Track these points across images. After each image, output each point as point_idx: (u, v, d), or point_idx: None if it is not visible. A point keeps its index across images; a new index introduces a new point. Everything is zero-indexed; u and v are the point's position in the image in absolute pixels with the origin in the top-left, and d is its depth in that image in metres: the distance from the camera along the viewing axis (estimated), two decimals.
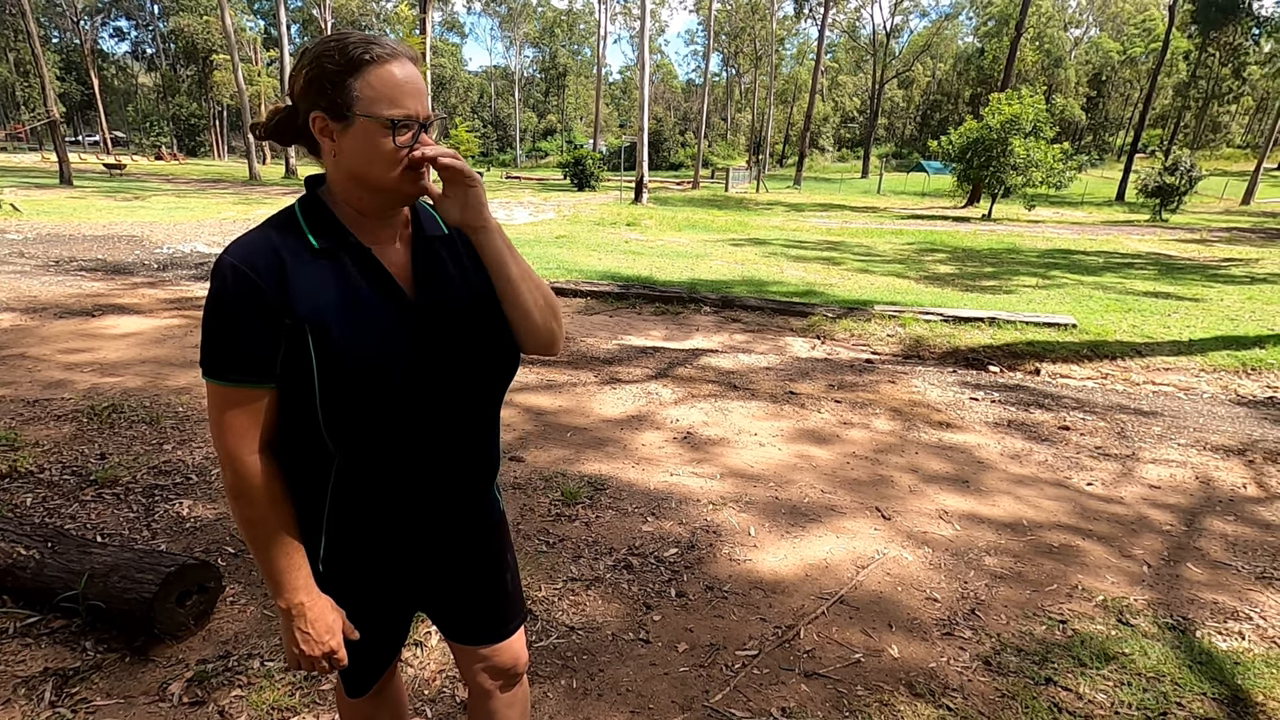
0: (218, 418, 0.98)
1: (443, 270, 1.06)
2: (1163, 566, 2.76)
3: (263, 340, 0.94)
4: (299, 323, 0.93)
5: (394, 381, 0.98)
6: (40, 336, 5.10)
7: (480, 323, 1.07)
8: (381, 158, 0.95)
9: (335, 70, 0.93)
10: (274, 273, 0.93)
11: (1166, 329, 7.09)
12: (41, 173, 25.00)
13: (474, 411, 1.09)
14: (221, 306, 0.93)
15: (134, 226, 12.17)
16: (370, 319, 0.97)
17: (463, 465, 1.11)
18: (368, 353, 0.96)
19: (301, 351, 0.94)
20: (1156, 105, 52.03)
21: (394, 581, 1.14)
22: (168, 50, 61.47)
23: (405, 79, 0.95)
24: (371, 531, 1.07)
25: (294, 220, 1.00)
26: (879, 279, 10.09)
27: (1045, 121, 22.54)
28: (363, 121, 0.94)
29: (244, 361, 0.94)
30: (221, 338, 0.94)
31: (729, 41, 63.91)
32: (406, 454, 1.03)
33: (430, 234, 1.08)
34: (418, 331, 1.00)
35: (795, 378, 5.09)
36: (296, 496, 1.04)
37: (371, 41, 0.95)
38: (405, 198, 1.01)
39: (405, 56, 0.96)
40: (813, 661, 2.12)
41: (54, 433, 3.43)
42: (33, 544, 2.16)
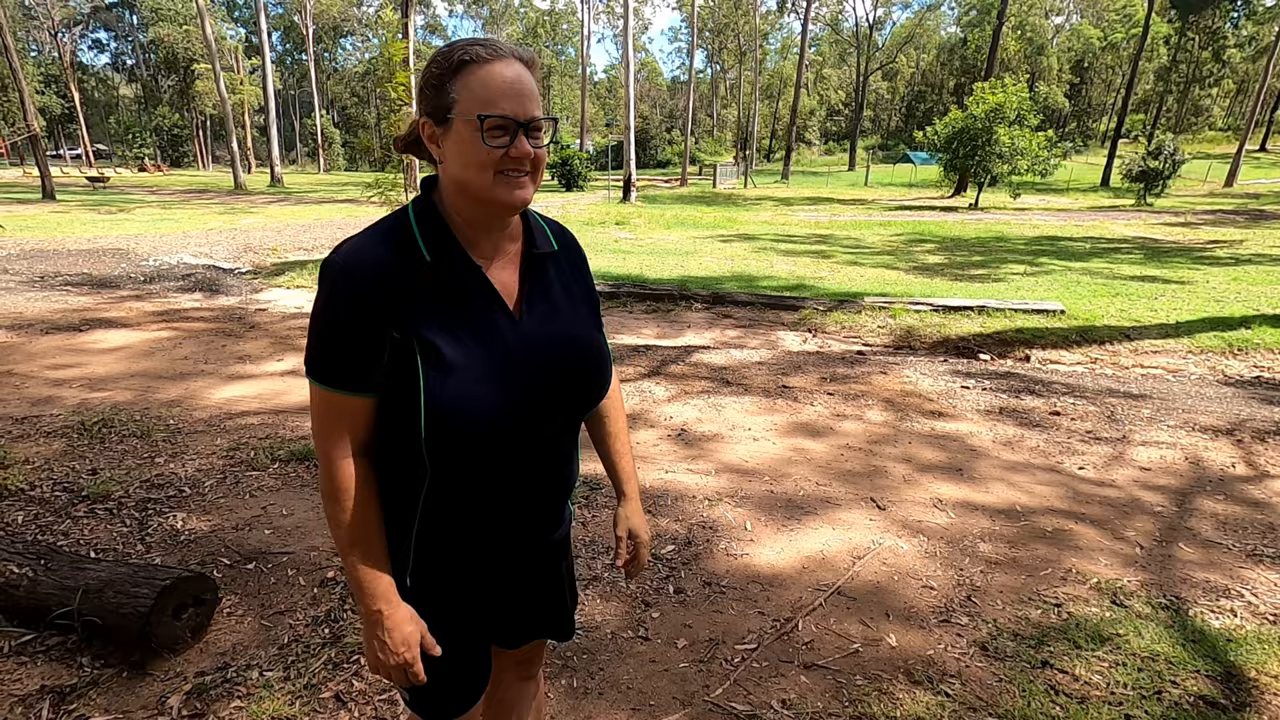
0: (318, 417, 0.97)
1: (549, 291, 1.05)
2: (1155, 547, 2.78)
3: (365, 351, 0.92)
4: (407, 338, 0.92)
5: (497, 403, 0.96)
6: (27, 353, 5.06)
7: (580, 347, 1.06)
8: (475, 161, 0.92)
9: (438, 74, 0.93)
10: (383, 283, 0.91)
11: (1154, 312, 7.16)
12: (24, 188, 24.76)
13: (565, 431, 1.08)
14: (328, 311, 0.92)
15: (119, 239, 12.07)
16: (478, 339, 0.95)
17: (549, 481, 1.10)
18: (475, 376, 0.94)
19: (408, 366, 0.92)
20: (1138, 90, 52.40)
21: (478, 598, 1.11)
22: (148, 61, 61.02)
23: (504, 79, 0.91)
24: (460, 548, 1.05)
25: (407, 227, 0.97)
26: (869, 271, 10.12)
27: (1029, 110, 22.69)
28: (458, 124, 0.92)
29: (345, 370, 0.93)
30: (326, 342, 0.93)
31: (713, 38, 63.92)
32: (500, 473, 1.01)
33: (541, 251, 1.06)
34: (523, 354, 0.99)
35: (788, 371, 5.11)
36: (388, 509, 1.02)
37: (479, 44, 0.93)
38: (503, 207, 0.96)
39: (514, 58, 0.94)
40: (811, 653, 2.13)
41: (44, 449, 3.41)
42: (25, 562, 2.15)
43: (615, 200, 24.06)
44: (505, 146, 0.92)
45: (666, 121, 72.48)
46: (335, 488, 0.97)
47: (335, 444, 0.96)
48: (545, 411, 1.02)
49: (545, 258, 1.07)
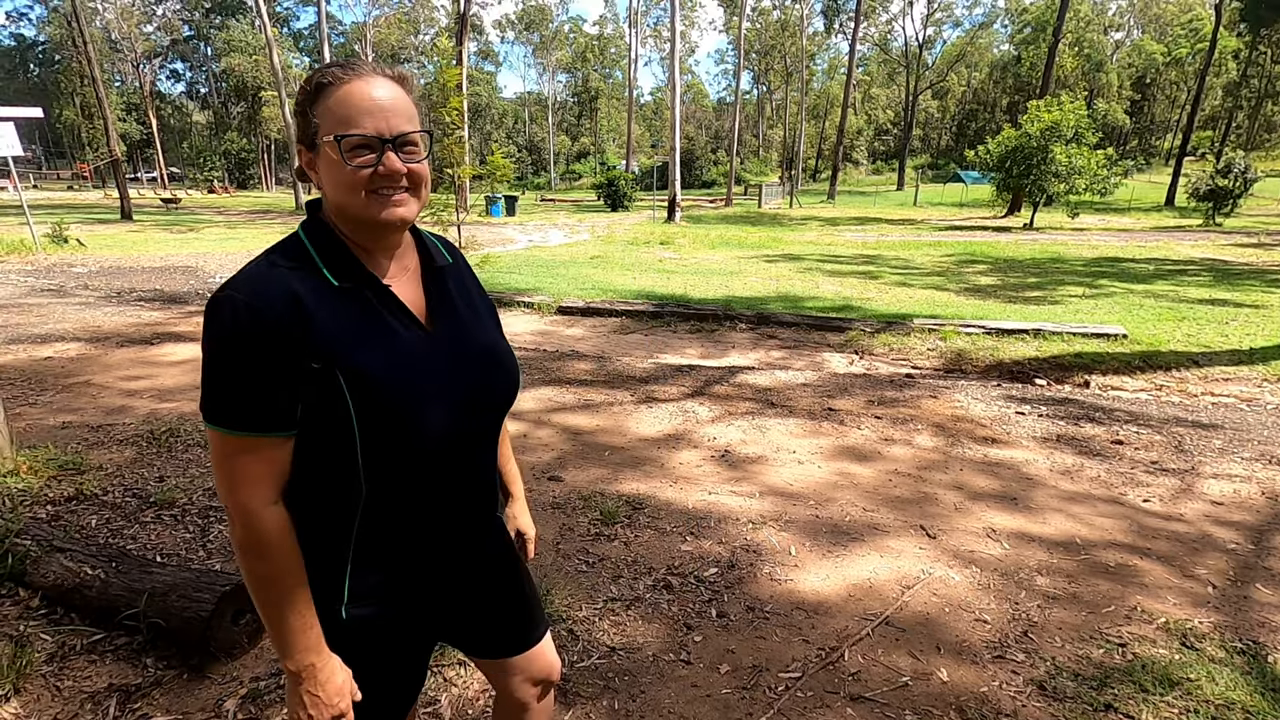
0: (226, 468, 0.90)
1: (454, 303, 1.07)
2: (1229, 587, 2.63)
3: (281, 388, 0.87)
4: (328, 366, 0.88)
5: (431, 416, 0.96)
6: (103, 364, 5.36)
7: (492, 353, 1.08)
8: (344, 183, 0.91)
9: (302, 100, 0.93)
10: (292, 312, 0.87)
11: (1225, 337, 6.81)
12: (104, 209, 26.38)
13: (490, 434, 1.10)
14: (230, 349, 0.86)
15: (189, 257, 12.73)
16: (401, 358, 0.94)
17: (479, 487, 1.11)
18: (405, 392, 0.93)
19: (334, 396, 0.89)
20: (1205, 106, 50.33)
21: (420, 613, 1.09)
22: (219, 89, 64.57)
23: (363, 97, 0.89)
24: (398, 564, 1.04)
25: (304, 252, 0.94)
26: (918, 292, 9.92)
27: (1087, 127, 22.06)
28: (324, 146, 0.91)
29: (260, 411, 0.88)
30: (232, 384, 0.87)
31: (759, 59, 64.20)
32: (434, 484, 1.02)
33: (439, 265, 1.07)
34: (443, 365, 0.99)
35: (834, 394, 5.03)
36: (318, 542, 0.97)
37: (338, 65, 0.92)
38: (381, 226, 0.94)
39: (378, 74, 0.92)
40: (858, 684, 2.08)
41: (116, 456, 3.59)
42: (98, 564, 2.26)
43: (660, 220, 24.23)
44: (372, 165, 0.90)
45: (712, 142, 72.86)
46: (257, 540, 0.91)
47: (253, 492, 0.90)
48: (473, 418, 1.03)
49: (444, 271, 1.08)
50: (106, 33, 52.85)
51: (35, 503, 3.00)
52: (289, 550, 0.93)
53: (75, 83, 53.49)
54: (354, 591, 1.00)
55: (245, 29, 56.20)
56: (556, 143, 73.95)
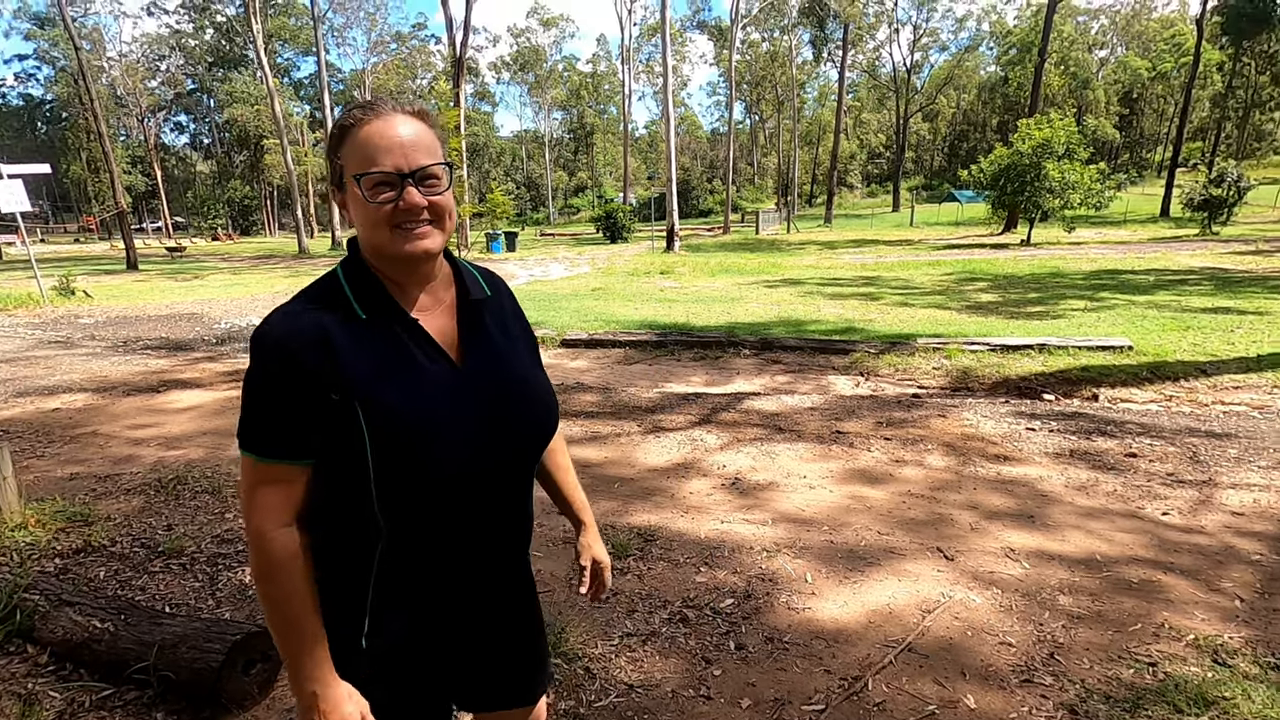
0: (249, 492, 0.95)
1: (489, 336, 1.06)
2: (1257, 600, 2.57)
3: (304, 419, 0.91)
4: (347, 399, 0.90)
5: (449, 452, 0.95)
6: (110, 414, 5.37)
7: (525, 387, 1.07)
8: (369, 220, 0.94)
9: (332, 143, 0.96)
10: (319, 347, 0.91)
11: (1231, 345, 6.78)
12: (111, 259, 26.71)
13: (520, 474, 1.08)
14: (262, 382, 0.92)
15: (194, 305, 12.84)
16: (422, 391, 0.95)
17: (508, 527, 1.09)
18: (422, 426, 0.93)
19: (351, 427, 0.91)
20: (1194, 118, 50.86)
21: (439, 653, 1.08)
22: (223, 139, 65.83)
23: (381, 135, 0.92)
24: (420, 604, 1.03)
25: (338, 288, 0.98)
26: (920, 311, 9.94)
27: (1078, 143, 22.29)
28: (350, 186, 0.94)
29: (283, 439, 0.92)
30: (261, 414, 0.92)
31: (750, 89, 65.33)
32: (457, 521, 1.00)
33: (475, 298, 1.06)
34: (469, 400, 0.98)
35: (841, 417, 5.00)
36: (339, 573, 0.99)
37: (360, 106, 0.95)
38: (408, 259, 0.96)
39: (398, 112, 0.95)
40: (884, 715, 2.03)
41: (124, 506, 3.58)
42: (107, 617, 2.24)
43: (659, 250, 24.42)
44: (393, 201, 0.92)
45: (707, 172, 73.79)
46: (270, 564, 0.94)
47: (267, 516, 0.94)
48: (500, 455, 1.02)
49: (480, 304, 1.07)
50: (112, 89, 54.12)
51: (43, 556, 2.98)
52: (298, 576, 0.95)
53: (82, 138, 54.60)
54: (374, 624, 1.01)
55: (247, 80, 57.50)
56: (554, 178, 74.97)
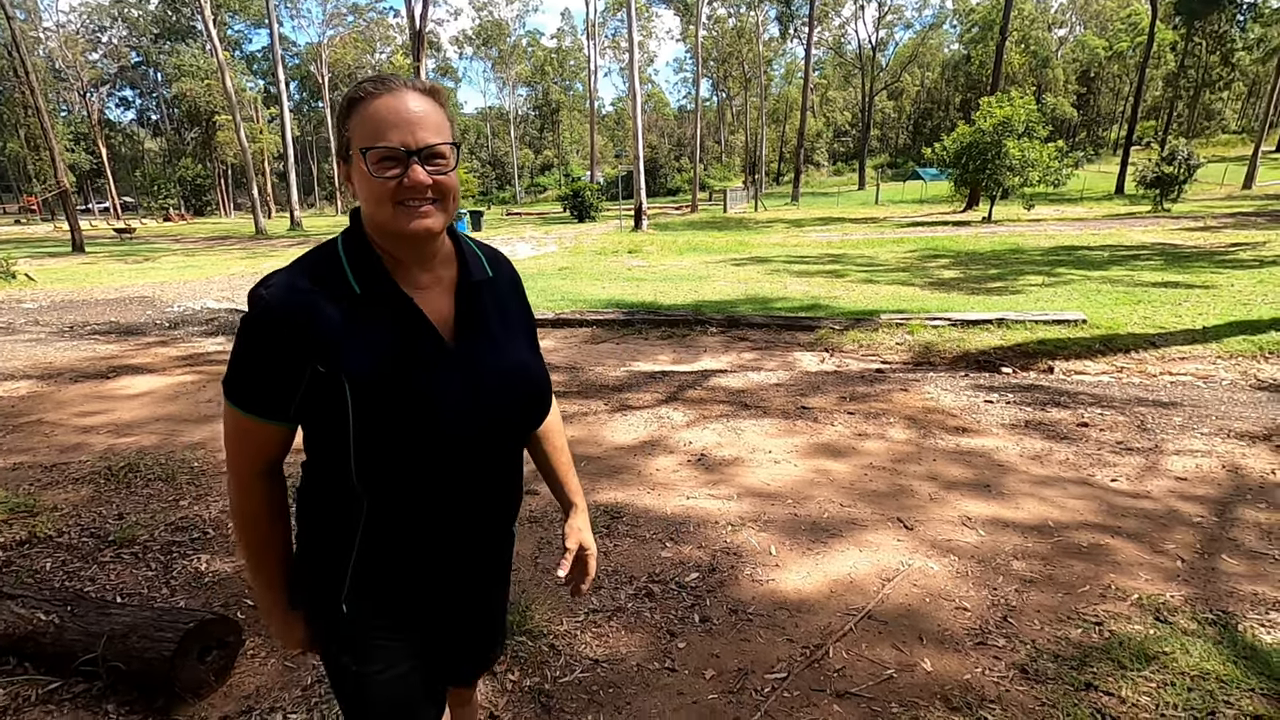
0: (230, 437, 1.01)
1: (484, 318, 1.05)
2: (1197, 560, 2.68)
3: (282, 384, 0.94)
4: (334, 372, 0.91)
5: (432, 431, 0.95)
6: (56, 401, 5.17)
7: (515, 371, 1.06)
8: (372, 195, 0.93)
9: (341, 115, 0.96)
10: (307, 317, 0.91)
11: (1179, 318, 7.02)
12: (55, 242, 25.58)
13: (507, 455, 1.08)
14: (248, 340, 0.94)
15: (145, 287, 12.38)
16: (409, 370, 0.94)
17: (493, 506, 1.09)
18: (406, 405, 0.93)
19: (336, 400, 0.92)
20: (1148, 97, 52.20)
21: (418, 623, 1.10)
22: (172, 115, 63.22)
23: (390, 110, 0.91)
24: (399, 573, 1.05)
25: (335, 259, 0.97)
26: (884, 288, 10.07)
27: (1037, 121, 22.68)
28: (355, 159, 0.94)
29: (260, 397, 0.96)
30: (245, 370, 0.95)
31: (717, 66, 64.93)
32: (439, 500, 1.01)
33: (476, 279, 1.05)
34: (455, 381, 0.98)
35: (806, 392, 5.06)
36: (323, 537, 1.05)
37: (371, 80, 0.94)
38: (408, 237, 0.95)
39: (408, 88, 0.94)
40: (844, 680, 2.07)
41: (72, 495, 3.45)
42: (52, 609, 2.16)
43: (627, 229, 24.29)
44: (398, 177, 0.91)
45: (675, 150, 73.37)
46: (239, 506, 1.03)
47: (244, 464, 1.01)
48: (482, 439, 1.02)
49: (480, 285, 1.06)
50: (50, 61, 51.49)
51: None
52: (265, 521, 1.05)
53: (19, 114, 51.84)
54: (353, 589, 1.04)
55: (196, 53, 55.10)
56: (520, 156, 73.79)
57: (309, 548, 1.08)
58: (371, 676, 1.05)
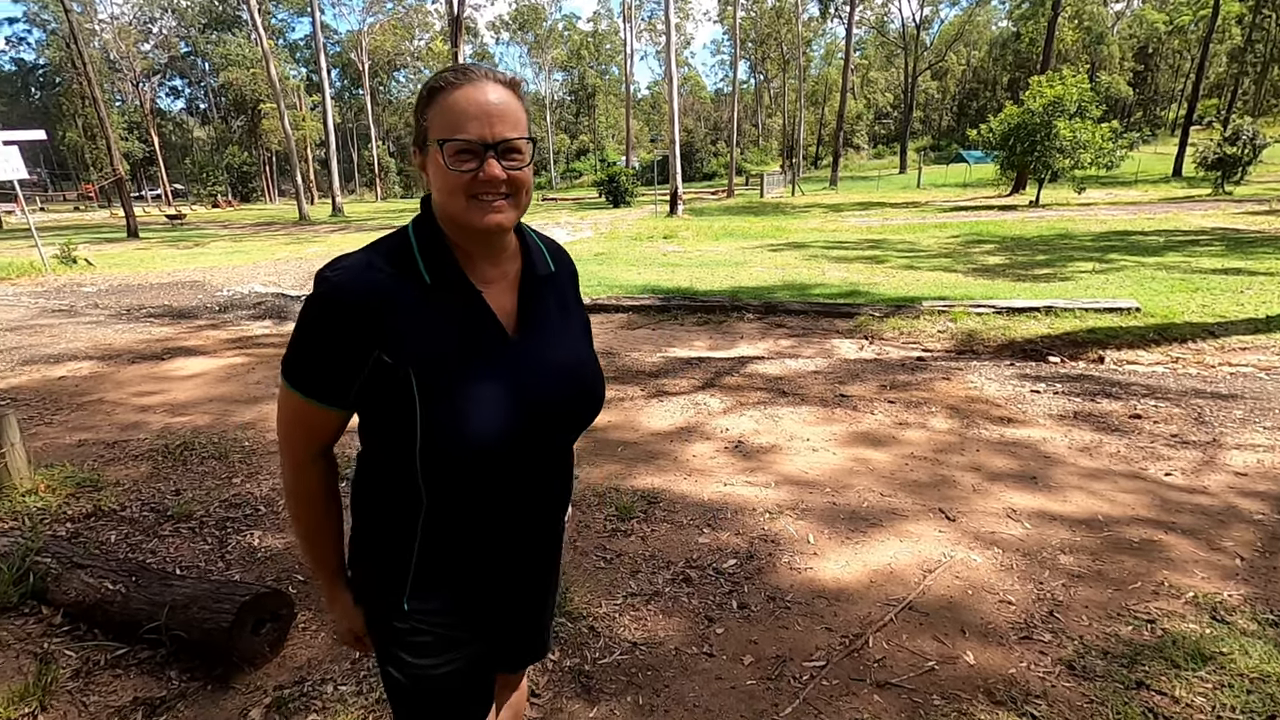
0: (284, 418, 1.01)
1: (546, 313, 1.05)
2: (1257, 559, 2.58)
3: (344, 369, 0.93)
4: (400, 363, 0.90)
5: (494, 429, 0.95)
6: (116, 381, 5.39)
7: (575, 369, 1.06)
8: (447, 186, 0.92)
9: (420, 103, 0.95)
10: (379, 303, 0.90)
11: (1240, 307, 6.72)
12: (111, 228, 26.58)
13: (559, 452, 1.09)
14: (313, 323, 0.93)
15: (195, 272, 12.80)
16: (475, 365, 0.94)
17: (548, 498, 1.10)
18: (471, 401, 0.93)
19: (402, 392, 0.91)
20: (1210, 74, 49.58)
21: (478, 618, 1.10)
22: (219, 104, 64.91)
23: (470, 102, 0.90)
24: (460, 571, 1.05)
25: (407, 246, 0.96)
26: (925, 274, 9.85)
27: (1090, 101, 21.79)
28: (431, 150, 0.92)
29: (320, 382, 0.95)
30: (306, 353, 0.95)
31: (755, 48, 63.85)
32: (499, 493, 1.01)
33: (540, 274, 1.05)
34: (519, 378, 0.98)
35: (845, 380, 4.99)
36: (387, 531, 1.03)
37: (453, 70, 0.93)
38: (478, 231, 0.95)
39: (488, 80, 0.93)
40: (884, 671, 2.06)
41: (132, 472, 3.61)
42: (119, 579, 2.27)
43: (662, 214, 24.17)
44: (473, 171, 0.90)
45: (711, 134, 72.56)
46: (293, 488, 1.04)
47: (298, 446, 1.01)
48: (543, 435, 1.02)
49: (544, 280, 1.06)
50: (105, 53, 53.18)
51: (54, 520, 3.02)
52: (319, 501, 1.05)
53: (77, 104, 53.86)
54: (415, 588, 1.04)
55: (242, 42, 56.40)
56: (555, 141, 73.85)
57: (368, 543, 1.06)
58: (430, 671, 1.05)
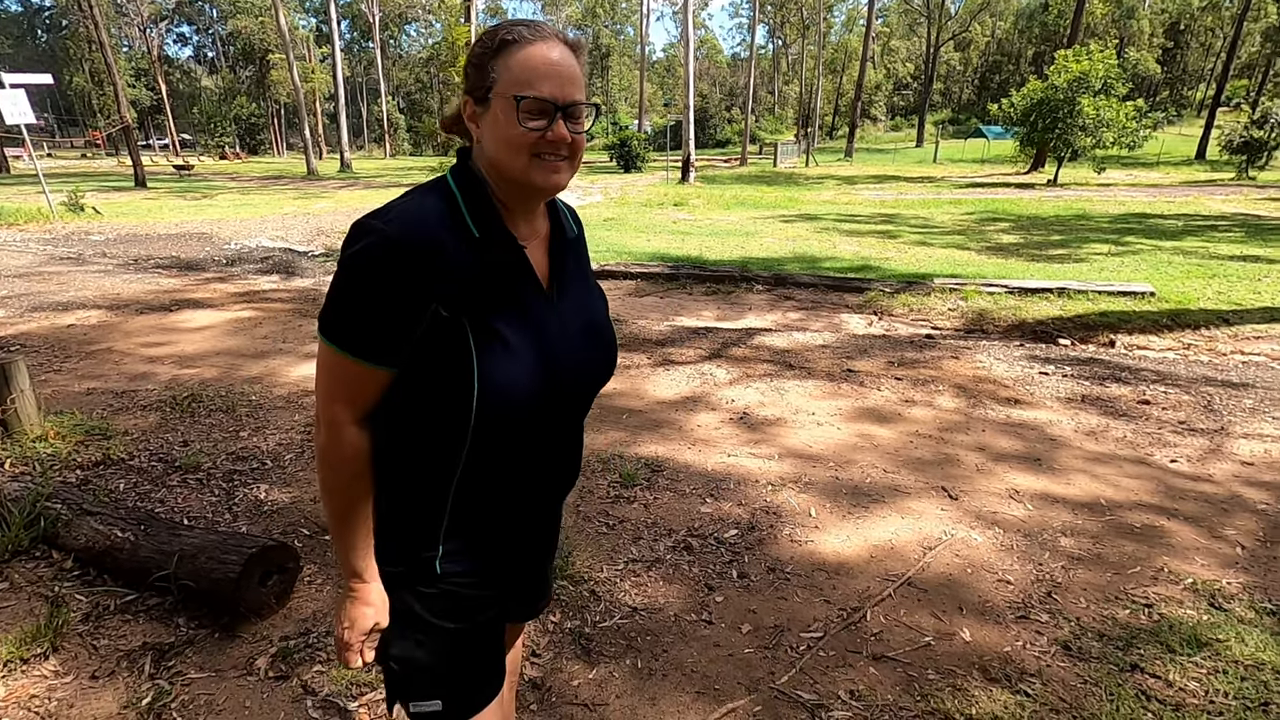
0: (328, 381, 0.93)
1: (576, 275, 1.08)
2: (1259, 548, 2.59)
3: (401, 327, 0.88)
4: (456, 317, 0.89)
5: (542, 385, 0.96)
6: (124, 331, 5.41)
7: (602, 329, 1.09)
8: (510, 141, 0.91)
9: (482, 53, 0.93)
10: (436, 257, 0.88)
11: (1257, 295, 6.62)
12: (119, 176, 26.42)
13: (584, 409, 1.11)
14: (363, 276, 0.87)
15: (203, 224, 12.75)
16: (525, 321, 0.95)
17: (572, 457, 1.13)
18: (525, 356, 0.93)
19: (457, 346, 0.89)
20: (1242, 54, 48.24)
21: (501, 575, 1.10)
22: (227, 53, 63.89)
23: (546, 60, 0.90)
24: (490, 529, 1.05)
25: (453, 199, 0.94)
26: (938, 251, 9.73)
27: (1117, 78, 21.24)
28: (497, 103, 0.91)
29: (373, 341, 0.89)
30: (356, 310, 0.89)
31: (775, 11, 62.25)
32: (535, 450, 1.03)
33: (569, 236, 1.08)
34: (559, 335, 0.99)
35: (853, 355, 4.97)
36: (417, 496, 1.00)
37: (523, 24, 0.92)
38: (537, 190, 0.95)
39: (558, 40, 0.92)
40: (880, 644, 2.08)
41: (141, 422, 3.64)
42: (128, 527, 2.30)
43: (674, 181, 23.86)
44: (543, 129, 0.90)
45: (726, 100, 71.19)
46: (334, 452, 0.94)
47: (342, 409, 0.93)
48: (580, 391, 1.05)
49: (571, 242, 1.09)
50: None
51: (64, 467, 3.05)
52: (359, 472, 0.96)
53: (84, 48, 53.06)
54: (449, 545, 1.02)
55: None
56: None
57: (396, 510, 1.01)
58: (458, 636, 1.04)
